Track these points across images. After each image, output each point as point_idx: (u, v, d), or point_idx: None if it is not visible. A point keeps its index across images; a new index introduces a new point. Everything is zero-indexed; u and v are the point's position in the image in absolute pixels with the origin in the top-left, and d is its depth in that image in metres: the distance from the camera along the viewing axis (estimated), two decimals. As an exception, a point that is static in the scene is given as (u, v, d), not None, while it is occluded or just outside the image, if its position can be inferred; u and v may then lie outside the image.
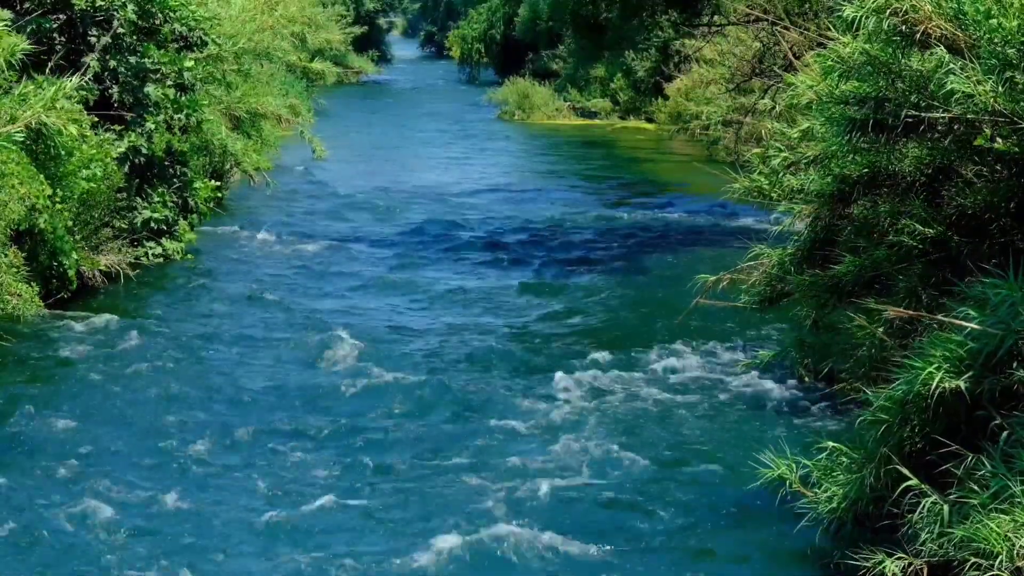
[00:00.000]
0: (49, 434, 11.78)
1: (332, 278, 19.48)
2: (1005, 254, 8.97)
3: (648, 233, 23.80)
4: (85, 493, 10.36)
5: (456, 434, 12.02)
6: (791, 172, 12.28)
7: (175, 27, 18.88)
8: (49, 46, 17.29)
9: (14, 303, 14.81)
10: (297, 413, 12.62)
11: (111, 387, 13.31)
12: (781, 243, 12.85)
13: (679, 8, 24.70)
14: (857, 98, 9.62)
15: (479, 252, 21.85)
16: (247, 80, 26.34)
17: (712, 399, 13.09)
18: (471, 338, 15.76)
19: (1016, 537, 7.22)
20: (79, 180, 16.01)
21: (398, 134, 41.44)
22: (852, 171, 10.86)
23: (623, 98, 45.24)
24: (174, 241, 19.48)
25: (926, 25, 8.84)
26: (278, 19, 30.51)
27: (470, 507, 10.23)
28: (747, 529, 9.86)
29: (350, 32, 57.19)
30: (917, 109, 9.13)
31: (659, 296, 17.91)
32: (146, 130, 18.40)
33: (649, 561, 9.33)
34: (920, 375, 8.09)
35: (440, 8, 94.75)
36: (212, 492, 10.55)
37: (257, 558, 9.36)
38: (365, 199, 27.66)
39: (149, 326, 15.89)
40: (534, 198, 28.43)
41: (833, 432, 10.73)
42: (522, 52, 60.07)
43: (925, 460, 8.29)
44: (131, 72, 18.25)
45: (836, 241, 11.75)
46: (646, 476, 10.91)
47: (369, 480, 10.89)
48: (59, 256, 15.91)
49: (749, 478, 9.57)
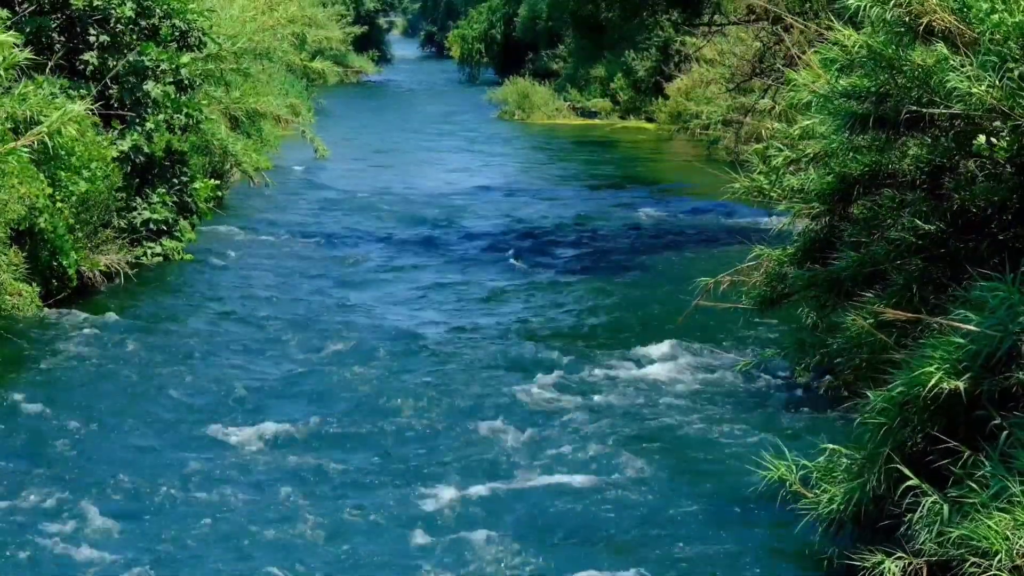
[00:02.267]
0: (49, 433, 11.77)
1: (332, 278, 19.48)
2: (1004, 254, 8.97)
3: (648, 233, 23.81)
4: (85, 492, 10.36)
5: (455, 434, 12.02)
6: (792, 171, 12.27)
7: (174, 22, 18.88)
8: (48, 45, 17.30)
9: (14, 303, 14.82)
10: (297, 412, 12.62)
11: (111, 386, 13.32)
12: (781, 243, 12.85)
13: (679, 8, 24.70)
14: (858, 93, 9.60)
15: (478, 252, 21.85)
16: (247, 80, 26.34)
17: (712, 399, 13.09)
18: (470, 337, 15.76)
19: (1015, 536, 7.23)
20: (79, 180, 16.01)
21: (398, 134, 41.43)
22: (853, 169, 10.85)
23: (623, 98, 45.23)
24: (174, 241, 19.47)
25: (930, 17, 8.82)
26: (278, 19, 30.52)
27: (470, 507, 10.23)
28: (747, 529, 9.86)
29: (350, 32, 57.15)
30: (918, 105, 9.12)
31: (659, 296, 17.90)
32: (146, 130, 18.40)
33: (649, 561, 9.33)
34: (919, 376, 8.09)
35: (440, 8, 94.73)
36: (212, 491, 10.55)
37: (257, 556, 9.35)
38: (365, 199, 27.66)
39: (149, 326, 15.90)
40: (534, 198, 28.43)
41: (833, 432, 10.72)
42: (522, 52, 60.06)
43: (924, 460, 8.29)
44: (130, 70, 18.24)
45: (836, 241, 11.75)
46: (645, 476, 10.91)
47: (367, 480, 10.89)
48: (59, 256, 15.91)
49: (749, 478, 9.57)
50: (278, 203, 26.40)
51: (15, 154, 12.59)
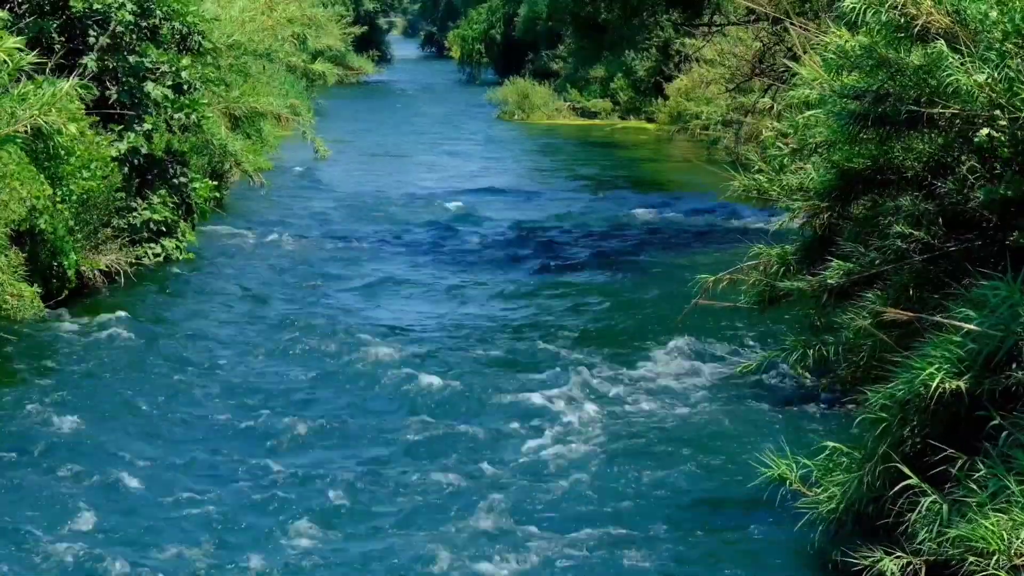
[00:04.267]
0: (49, 433, 11.78)
1: (332, 278, 19.49)
2: (1003, 254, 8.96)
3: (648, 233, 23.81)
4: (85, 492, 10.37)
5: (454, 433, 12.02)
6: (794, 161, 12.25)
7: (175, 24, 18.88)
8: (48, 46, 17.30)
9: (14, 303, 14.81)
10: (297, 412, 12.62)
11: (111, 387, 13.32)
12: (781, 242, 12.85)
13: (679, 8, 24.73)
14: (857, 92, 9.60)
15: (478, 252, 21.86)
16: (247, 80, 26.34)
17: (711, 399, 13.09)
18: (470, 337, 15.78)
19: (1013, 536, 7.23)
20: (79, 180, 16.01)
21: (398, 134, 41.44)
22: (856, 164, 10.84)
23: (623, 98, 45.24)
24: (174, 241, 19.48)
25: (925, 19, 8.83)
26: (278, 19, 30.52)
27: (469, 506, 10.23)
28: (746, 528, 9.86)
29: (350, 32, 57.17)
30: (918, 104, 9.12)
31: (659, 296, 17.91)
32: (145, 130, 18.40)
33: (648, 560, 9.34)
34: (920, 376, 8.09)
35: (440, 8, 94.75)
36: (212, 491, 10.55)
37: (256, 555, 9.35)
38: (365, 199, 27.67)
39: (149, 326, 15.90)
40: (534, 198, 28.44)
41: (833, 432, 10.72)
42: (522, 52, 60.08)
43: (924, 460, 8.30)
44: (130, 71, 18.25)
45: (837, 240, 11.74)
46: (645, 475, 10.91)
47: (367, 479, 10.89)
48: (59, 256, 15.91)
49: (749, 477, 9.58)
50: (278, 203, 26.41)
51: (10, 141, 12.53)
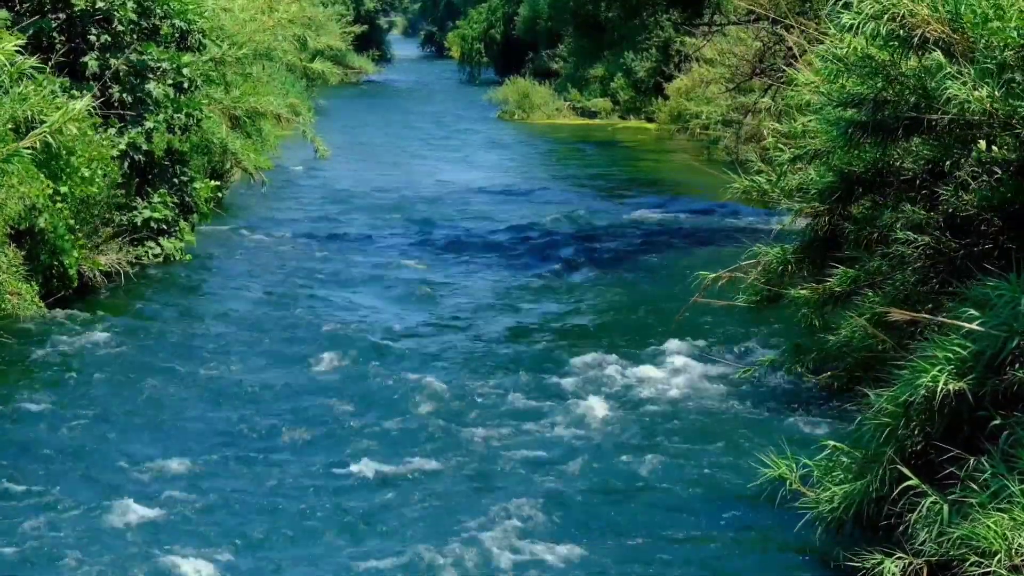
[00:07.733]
0: (49, 433, 11.78)
1: (332, 277, 19.49)
2: (1003, 256, 8.97)
3: (648, 233, 23.80)
4: (85, 491, 10.36)
5: (454, 433, 12.02)
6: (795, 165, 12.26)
7: (175, 22, 18.87)
8: (49, 45, 17.29)
9: (14, 302, 14.81)
10: (298, 412, 12.62)
11: (111, 386, 13.31)
12: (781, 242, 12.85)
13: (679, 8, 24.73)
14: (855, 99, 9.61)
15: (479, 251, 21.85)
16: (247, 80, 26.33)
17: (711, 398, 13.09)
18: (470, 337, 15.77)
19: (1015, 535, 7.23)
20: (79, 179, 16.00)
21: (398, 134, 41.44)
22: (857, 166, 10.84)
23: (623, 98, 45.25)
24: (174, 241, 19.47)
25: (924, 29, 8.84)
26: (278, 19, 30.50)
27: (468, 506, 10.23)
28: (747, 528, 9.86)
29: (350, 32, 57.16)
30: (916, 111, 9.13)
31: (659, 296, 17.90)
32: (146, 129, 18.40)
33: (648, 560, 9.33)
34: (922, 377, 8.08)
35: (440, 8, 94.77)
36: (213, 490, 10.55)
37: (257, 555, 9.36)
38: (365, 199, 27.67)
39: (149, 325, 15.90)
40: (534, 198, 28.43)
41: (833, 432, 10.73)
42: (522, 52, 60.11)
43: (925, 460, 8.30)
44: (131, 70, 18.24)
45: (837, 241, 11.75)
46: (645, 475, 10.91)
47: (369, 479, 10.89)
48: (59, 255, 15.91)
49: (749, 477, 9.58)
50: (278, 203, 26.41)
51: (18, 155, 12.53)
